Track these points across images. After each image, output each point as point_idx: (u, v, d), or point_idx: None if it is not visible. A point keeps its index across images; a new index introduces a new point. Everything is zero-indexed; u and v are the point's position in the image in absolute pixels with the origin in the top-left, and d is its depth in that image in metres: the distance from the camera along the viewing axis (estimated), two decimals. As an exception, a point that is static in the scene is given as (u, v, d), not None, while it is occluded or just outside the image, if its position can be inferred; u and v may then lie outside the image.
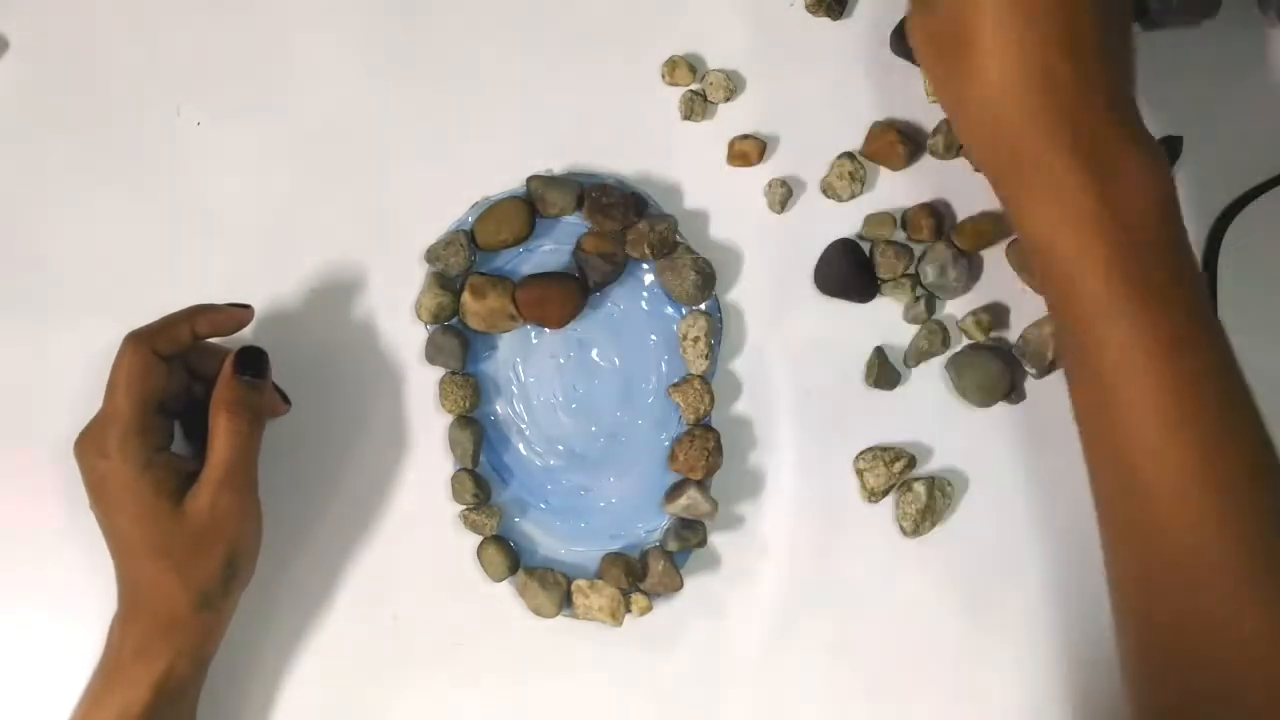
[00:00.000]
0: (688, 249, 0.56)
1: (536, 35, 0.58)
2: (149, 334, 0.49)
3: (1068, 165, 0.42)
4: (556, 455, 0.56)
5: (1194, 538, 0.41)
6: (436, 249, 0.56)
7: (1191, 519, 0.41)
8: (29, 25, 0.58)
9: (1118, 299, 0.42)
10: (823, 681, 0.55)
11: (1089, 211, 0.42)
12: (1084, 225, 0.42)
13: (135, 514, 0.48)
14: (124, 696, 0.48)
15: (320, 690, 0.55)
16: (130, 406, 0.47)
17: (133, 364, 0.48)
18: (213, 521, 0.48)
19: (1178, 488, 0.41)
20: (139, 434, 0.48)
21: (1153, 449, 0.42)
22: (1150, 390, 0.42)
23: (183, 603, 0.48)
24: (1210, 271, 0.56)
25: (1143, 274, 0.42)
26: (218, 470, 0.48)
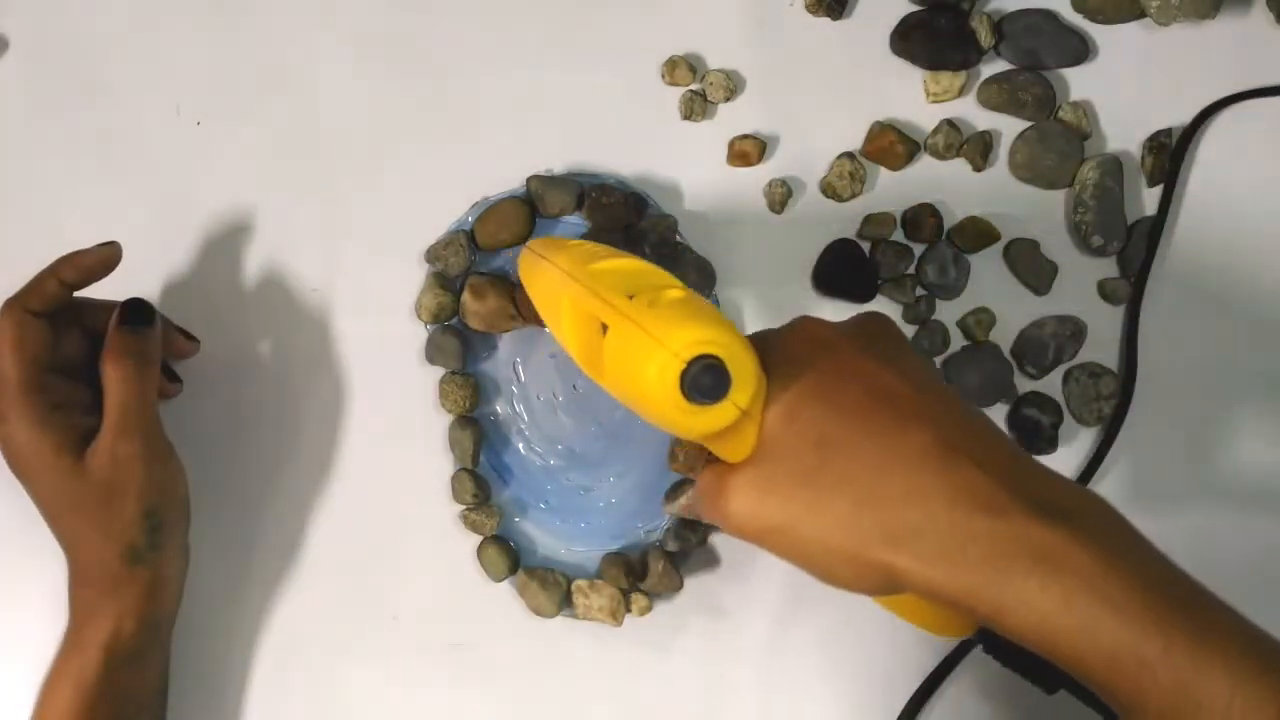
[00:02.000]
0: (688, 249, 0.56)
1: (537, 35, 0.58)
2: (19, 295, 0.49)
3: (1027, 522, 0.35)
4: (556, 455, 0.56)
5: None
6: (436, 249, 0.56)
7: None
8: (29, 25, 0.59)
9: (1188, 642, 0.34)
10: (822, 681, 0.55)
11: (1077, 553, 0.35)
12: (1086, 575, 0.35)
13: (40, 473, 0.48)
14: (78, 665, 0.48)
15: (320, 690, 0.55)
16: (16, 368, 0.47)
17: (8, 327, 0.48)
18: (116, 472, 0.48)
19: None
20: (32, 394, 0.47)
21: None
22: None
23: (112, 557, 0.48)
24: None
25: (1191, 606, 0.35)
26: (112, 420, 0.48)
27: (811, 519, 0.37)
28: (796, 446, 0.38)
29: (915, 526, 0.36)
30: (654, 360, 0.36)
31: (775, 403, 0.38)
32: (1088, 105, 0.58)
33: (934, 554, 0.36)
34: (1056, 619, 0.35)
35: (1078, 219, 0.57)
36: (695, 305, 0.38)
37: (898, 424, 0.38)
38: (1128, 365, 0.57)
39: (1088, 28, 0.59)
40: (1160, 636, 0.34)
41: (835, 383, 0.39)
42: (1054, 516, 0.35)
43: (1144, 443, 0.57)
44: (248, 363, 0.57)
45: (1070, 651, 0.35)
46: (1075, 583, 0.34)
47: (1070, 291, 0.57)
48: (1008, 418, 0.57)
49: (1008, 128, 0.58)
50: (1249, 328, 0.57)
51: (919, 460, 0.37)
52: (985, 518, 0.36)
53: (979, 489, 0.36)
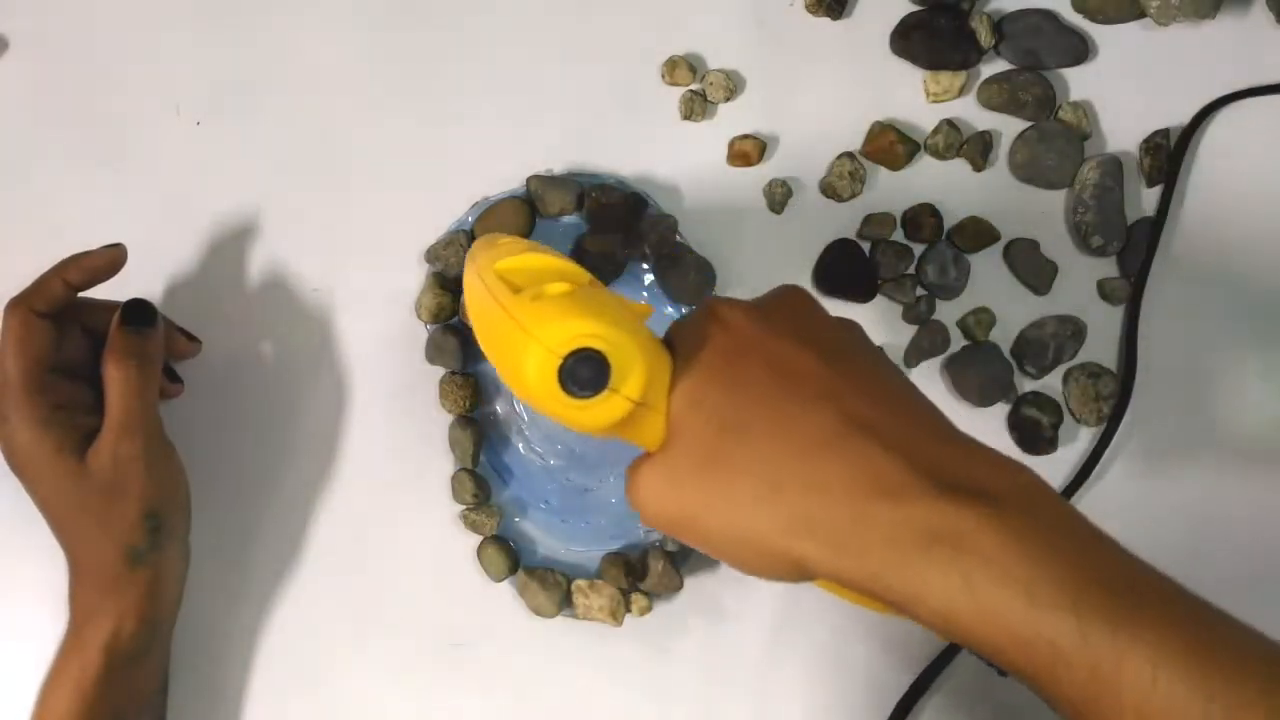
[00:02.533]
0: (688, 249, 0.56)
1: (536, 36, 0.58)
2: (24, 295, 0.49)
3: (930, 502, 0.34)
4: (556, 455, 0.56)
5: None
6: (436, 249, 0.56)
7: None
8: (29, 25, 0.59)
9: (1105, 624, 0.32)
10: (821, 681, 0.55)
11: (981, 534, 0.33)
12: (989, 556, 0.33)
13: (42, 473, 0.48)
14: (78, 665, 0.48)
15: (320, 689, 0.55)
16: (18, 368, 0.47)
17: (12, 327, 0.48)
18: (117, 473, 0.48)
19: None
20: (33, 394, 0.47)
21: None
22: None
23: (113, 558, 0.48)
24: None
25: (1113, 586, 0.33)
26: (113, 420, 0.48)
27: (715, 508, 0.37)
28: (699, 432, 0.37)
29: (815, 514, 0.35)
30: (531, 356, 0.36)
31: (678, 388, 0.38)
32: (1088, 105, 0.58)
33: (835, 542, 0.35)
34: (959, 605, 0.33)
35: (1078, 219, 0.57)
36: (579, 299, 0.37)
37: (798, 403, 0.36)
38: (1127, 364, 0.57)
39: (1088, 28, 0.59)
40: (1074, 619, 0.32)
41: (738, 362, 0.38)
42: (961, 496, 0.34)
43: (1143, 442, 0.57)
44: (248, 362, 0.57)
45: (981, 638, 0.33)
46: (977, 564, 0.33)
47: (1070, 291, 0.57)
48: (1008, 418, 0.57)
49: (1008, 128, 0.58)
50: (1249, 326, 0.57)
51: (818, 442, 0.36)
52: (884, 501, 0.34)
53: (881, 470, 0.35)
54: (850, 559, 0.35)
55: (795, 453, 0.36)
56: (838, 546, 0.35)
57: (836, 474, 0.35)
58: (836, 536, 0.35)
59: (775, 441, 0.36)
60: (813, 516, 0.35)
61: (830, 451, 0.35)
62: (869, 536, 0.34)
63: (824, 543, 0.35)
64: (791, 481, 0.35)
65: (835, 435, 0.36)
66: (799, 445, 0.36)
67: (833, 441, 0.35)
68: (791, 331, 0.38)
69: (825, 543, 0.35)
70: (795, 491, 0.35)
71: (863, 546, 0.34)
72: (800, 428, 0.36)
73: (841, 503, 0.35)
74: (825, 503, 0.35)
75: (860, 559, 0.34)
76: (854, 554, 0.34)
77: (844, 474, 0.35)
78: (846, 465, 0.35)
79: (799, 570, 0.36)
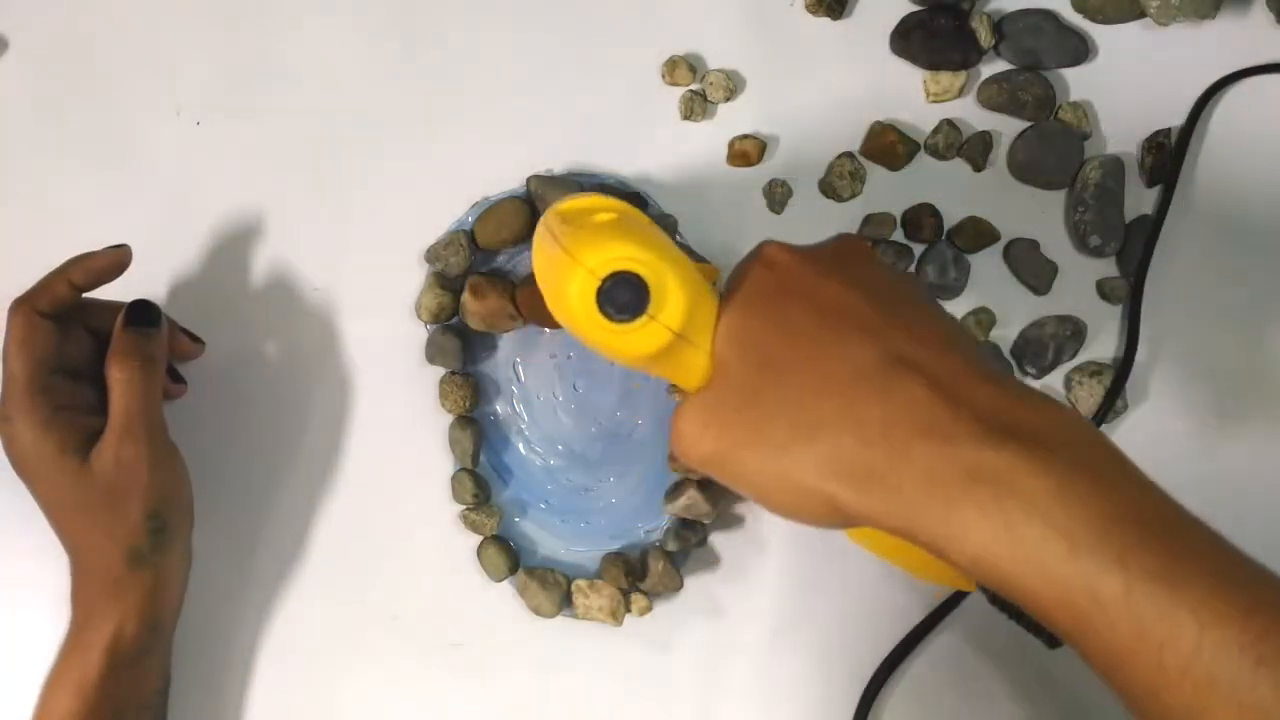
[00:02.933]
0: (688, 249, 0.56)
1: (536, 35, 0.58)
2: (29, 295, 0.49)
3: (972, 443, 0.33)
4: (556, 455, 0.56)
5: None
6: (436, 249, 0.56)
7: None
8: (29, 25, 0.59)
9: (1150, 579, 0.30)
10: (822, 681, 0.55)
11: (1026, 476, 0.31)
12: (1032, 499, 0.31)
13: (44, 473, 0.48)
14: (79, 667, 0.48)
15: (320, 689, 0.55)
16: (22, 368, 0.47)
17: (16, 327, 0.48)
18: (120, 474, 0.48)
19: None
20: (37, 394, 0.47)
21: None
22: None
23: (115, 560, 0.48)
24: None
25: (1162, 539, 0.31)
26: (116, 421, 0.48)
27: (752, 446, 0.36)
28: (739, 370, 0.37)
29: (852, 452, 0.34)
30: (574, 279, 0.36)
31: (721, 325, 0.37)
32: (1088, 105, 0.58)
33: (872, 481, 0.34)
34: (998, 548, 0.31)
35: (1076, 219, 0.57)
36: (623, 225, 0.37)
37: (839, 341, 0.35)
38: (1125, 358, 0.56)
39: (1088, 28, 0.59)
40: (1120, 571, 0.30)
41: (781, 301, 0.37)
42: (1005, 437, 0.32)
43: (1140, 441, 0.57)
44: (249, 363, 0.57)
45: (1017, 586, 0.32)
46: (1018, 507, 0.31)
47: (1070, 291, 0.57)
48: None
49: (1008, 128, 0.58)
50: (1249, 322, 0.57)
51: (859, 379, 0.35)
52: (925, 440, 0.33)
53: (920, 409, 0.33)
54: (886, 499, 0.33)
55: (835, 390, 0.35)
56: (874, 485, 0.34)
57: (876, 412, 0.34)
58: (873, 475, 0.34)
59: (815, 379, 0.35)
60: (849, 455, 0.34)
61: (871, 388, 0.34)
62: (906, 475, 0.33)
63: (860, 482, 0.34)
64: (830, 419, 0.34)
65: (876, 372, 0.35)
66: (839, 382, 0.35)
67: (874, 378, 0.35)
68: (840, 273, 0.38)
69: (861, 482, 0.34)
70: (833, 429, 0.34)
71: (899, 485, 0.33)
72: (841, 365, 0.35)
73: (879, 441, 0.34)
74: (863, 441, 0.34)
75: (896, 499, 0.33)
76: (890, 493, 0.33)
77: (884, 412, 0.34)
78: (887, 403, 0.34)
79: (835, 512, 0.35)
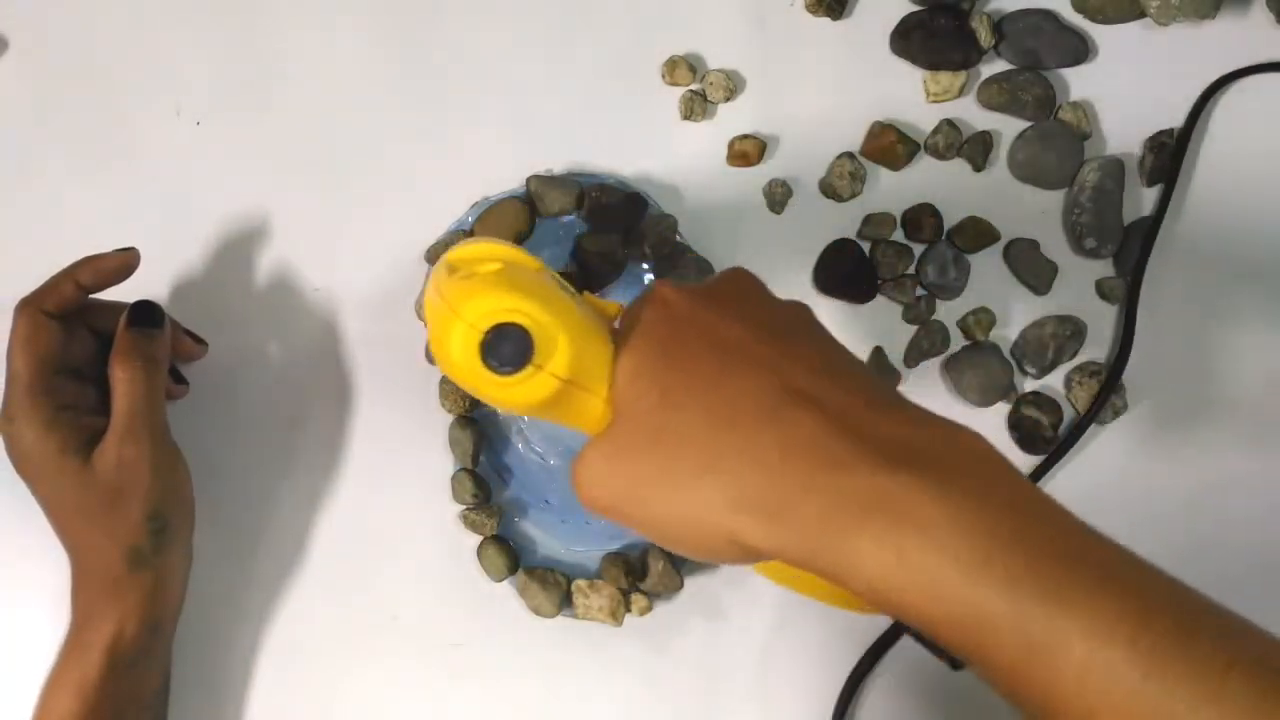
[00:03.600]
0: (688, 249, 0.56)
1: (537, 35, 0.58)
2: (36, 295, 0.49)
3: (868, 471, 0.33)
4: (556, 455, 0.56)
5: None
6: (436, 249, 0.56)
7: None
8: (29, 25, 0.59)
9: (1038, 595, 0.30)
10: (822, 681, 0.55)
11: (919, 504, 0.32)
12: (924, 526, 0.31)
13: (46, 473, 0.48)
14: (79, 667, 0.48)
15: (320, 689, 0.55)
16: (26, 368, 0.47)
17: (22, 326, 0.48)
18: (121, 474, 0.48)
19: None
20: (40, 394, 0.47)
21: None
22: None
23: (115, 560, 0.48)
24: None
25: (1053, 560, 0.31)
26: (119, 422, 0.48)
27: (654, 484, 0.36)
28: (636, 409, 0.37)
29: (753, 487, 0.34)
30: (454, 332, 0.36)
31: (620, 367, 0.37)
32: (1088, 105, 0.58)
33: (772, 514, 0.34)
34: (893, 575, 0.32)
35: (1073, 220, 0.57)
36: (506, 276, 0.37)
37: (736, 376, 0.36)
38: (1119, 358, 0.56)
39: (1088, 28, 0.59)
40: (1008, 592, 0.30)
41: (676, 339, 0.37)
42: (901, 465, 0.32)
43: (1138, 441, 0.57)
44: (249, 363, 0.57)
45: (913, 611, 0.32)
46: (911, 533, 0.31)
47: (1070, 291, 0.57)
48: (1008, 418, 0.57)
49: (1008, 128, 0.58)
50: (1248, 322, 0.57)
51: (756, 413, 0.35)
52: (823, 472, 0.33)
53: (819, 440, 0.34)
54: (787, 532, 0.33)
55: (733, 425, 0.35)
56: (775, 519, 0.34)
57: (774, 445, 0.34)
58: (774, 509, 0.34)
59: (713, 415, 0.35)
60: (752, 489, 0.34)
61: (768, 423, 0.35)
62: (806, 508, 0.33)
63: (761, 516, 0.34)
64: (729, 455, 0.35)
65: (774, 406, 0.35)
66: (737, 418, 0.35)
67: (771, 412, 0.35)
68: (734, 309, 0.38)
69: (762, 516, 0.34)
70: (734, 464, 0.34)
71: (800, 519, 0.33)
72: (738, 400, 0.35)
73: (779, 474, 0.34)
74: (763, 475, 0.34)
75: (798, 532, 0.33)
76: (791, 527, 0.33)
77: (782, 445, 0.34)
78: (785, 436, 0.34)
79: (740, 548, 0.35)
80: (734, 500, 0.34)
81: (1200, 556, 0.55)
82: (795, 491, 0.33)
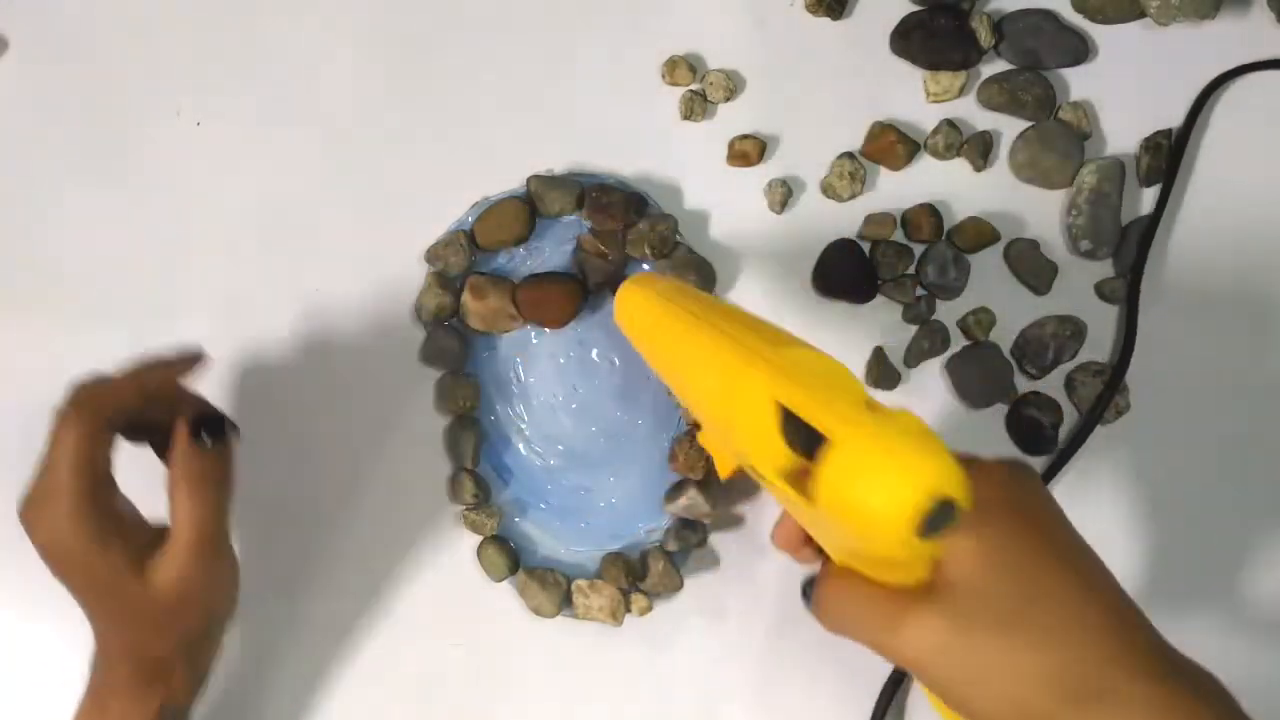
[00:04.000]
0: (688, 249, 0.56)
1: (537, 35, 0.58)
2: (96, 404, 0.44)
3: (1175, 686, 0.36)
4: (556, 455, 0.56)
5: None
6: (436, 249, 0.56)
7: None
8: (29, 25, 0.59)
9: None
10: (821, 681, 0.55)
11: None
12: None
13: (97, 591, 0.45)
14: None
15: (320, 689, 0.55)
16: (79, 482, 0.43)
17: (80, 439, 0.43)
18: (182, 592, 0.45)
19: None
20: (90, 509, 0.44)
21: None
22: None
23: (167, 653, 0.46)
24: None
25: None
26: (184, 544, 0.45)
27: (1002, 668, 0.36)
28: (995, 591, 0.36)
29: (1102, 689, 0.35)
30: (894, 491, 0.32)
31: (970, 540, 0.36)
32: (1088, 105, 0.58)
33: (1083, 703, 0.35)
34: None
35: (1070, 221, 0.57)
36: (931, 434, 0.34)
37: (1090, 583, 0.37)
38: (1121, 358, 0.56)
39: (1088, 28, 0.59)
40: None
41: (1035, 532, 0.38)
42: (1186, 683, 0.36)
43: (1142, 440, 0.57)
44: (248, 364, 0.57)
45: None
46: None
47: (1070, 291, 0.57)
48: (1008, 418, 0.57)
49: (1008, 128, 0.58)
50: (1249, 320, 0.57)
51: (1106, 623, 0.37)
52: (1146, 682, 0.35)
53: (1148, 653, 0.36)
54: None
55: (1091, 628, 0.36)
56: (1087, 707, 0.35)
57: (1123, 652, 0.36)
58: (1114, 713, 0.35)
59: (1073, 614, 0.37)
60: (1100, 689, 0.36)
61: (1115, 630, 0.36)
62: (1134, 715, 0.35)
63: (1099, 717, 0.36)
64: (1088, 654, 0.36)
65: (1117, 617, 0.37)
66: (1093, 623, 0.37)
67: (1115, 623, 0.37)
68: (1065, 520, 0.39)
69: (1075, 702, 0.36)
70: (1090, 663, 0.36)
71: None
72: (1094, 607, 0.37)
73: (1123, 680, 0.35)
74: (1114, 680, 0.36)
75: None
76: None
77: (1129, 653, 0.36)
78: (1129, 645, 0.36)
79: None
80: (1079, 696, 0.35)
81: (1202, 553, 0.55)
82: (1139, 700, 0.35)
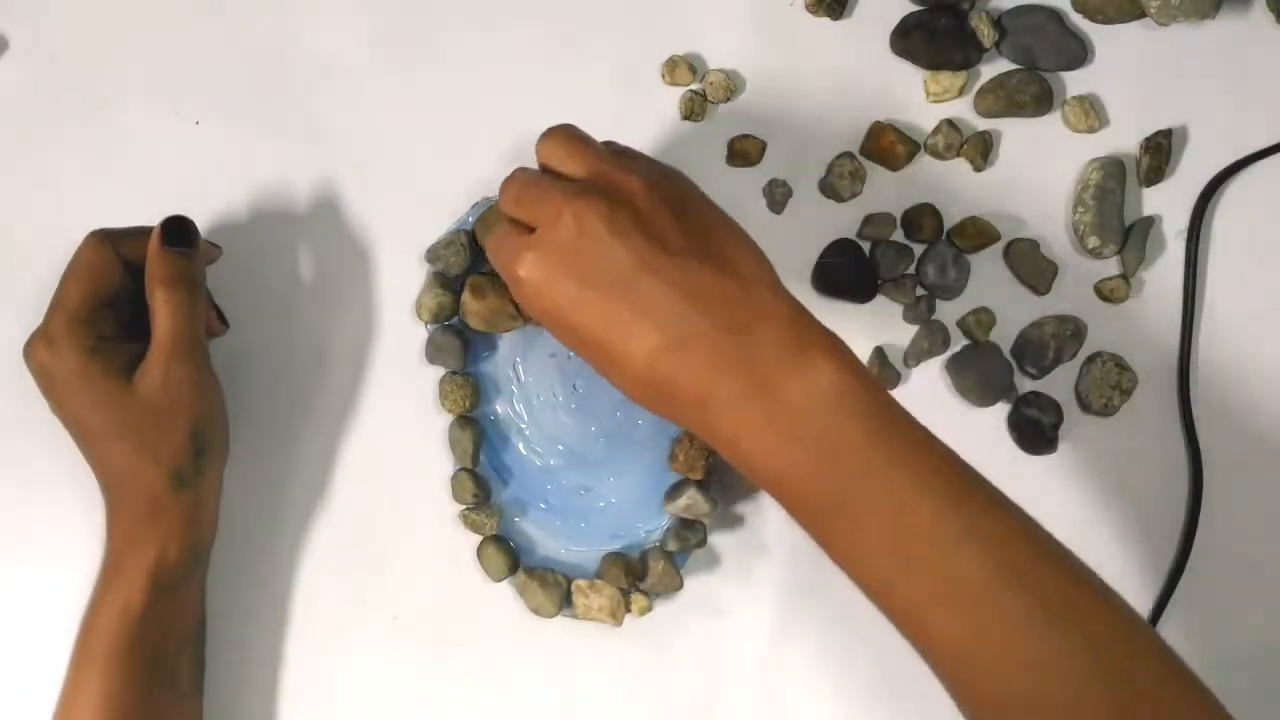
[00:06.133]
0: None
1: (537, 35, 0.58)
2: (117, 235, 0.50)
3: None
4: (556, 455, 0.56)
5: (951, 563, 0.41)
6: (436, 249, 0.56)
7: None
8: (29, 25, 0.59)
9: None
10: (823, 681, 0.55)
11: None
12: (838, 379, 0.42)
13: (89, 399, 0.48)
14: (123, 594, 0.48)
15: (320, 689, 0.55)
16: (81, 298, 0.48)
17: (95, 259, 0.49)
18: (167, 395, 0.48)
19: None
20: (85, 323, 0.48)
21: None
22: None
23: (158, 482, 0.49)
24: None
25: (910, 434, 0.43)
26: (164, 343, 0.48)
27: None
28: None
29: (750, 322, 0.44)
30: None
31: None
32: (1088, 105, 0.58)
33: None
34: (767, 428, 0.43)
35: (1076, 219, 0.57)
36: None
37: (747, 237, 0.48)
38: (1190, 445, 0.56)
39: (1088, 28, 0.59)
40: (871, 451, 0.41)
41: (695, 185, 0.49)
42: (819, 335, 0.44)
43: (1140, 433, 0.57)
44: (248, 362, 0.57)
45: (777, 459, 0.43)
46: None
47: (1070, 291, 0.57)
48: (1008, 418, 0.57)
49: (1008, 128, 0.58)
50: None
51: (765, 274, 0.46)
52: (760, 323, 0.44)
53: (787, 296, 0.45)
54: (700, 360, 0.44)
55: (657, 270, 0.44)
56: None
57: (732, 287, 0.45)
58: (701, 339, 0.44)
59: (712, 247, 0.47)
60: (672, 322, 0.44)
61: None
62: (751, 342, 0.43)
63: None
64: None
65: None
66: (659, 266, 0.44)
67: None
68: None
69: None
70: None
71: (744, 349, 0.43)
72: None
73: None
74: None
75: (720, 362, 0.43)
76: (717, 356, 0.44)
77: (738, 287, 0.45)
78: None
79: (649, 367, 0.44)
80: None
81: (1206, 547, 0.55)
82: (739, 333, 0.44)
